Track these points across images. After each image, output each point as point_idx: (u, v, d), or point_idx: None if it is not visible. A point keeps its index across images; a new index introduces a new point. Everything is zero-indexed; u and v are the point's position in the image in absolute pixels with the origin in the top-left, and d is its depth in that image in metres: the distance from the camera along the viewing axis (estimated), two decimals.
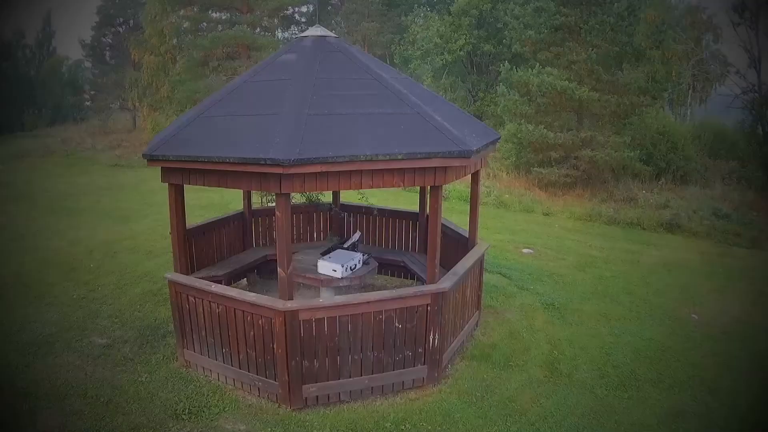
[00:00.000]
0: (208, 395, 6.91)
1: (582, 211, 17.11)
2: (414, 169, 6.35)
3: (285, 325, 6.35)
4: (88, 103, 43.94)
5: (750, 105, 21.64)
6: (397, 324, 6.70)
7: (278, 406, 6.73)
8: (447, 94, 26.39)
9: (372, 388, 6.88)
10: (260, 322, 6.57)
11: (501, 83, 20.13)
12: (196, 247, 9.21)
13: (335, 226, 10.86)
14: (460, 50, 26.37)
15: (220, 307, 6.87)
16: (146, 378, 7.24)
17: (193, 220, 9.05)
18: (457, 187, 18.57)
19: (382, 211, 10.63)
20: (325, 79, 7.03)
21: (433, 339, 6.89)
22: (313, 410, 6.72)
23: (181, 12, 30.64)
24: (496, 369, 7.75)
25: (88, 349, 7.96)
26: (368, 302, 6.55)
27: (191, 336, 7.34)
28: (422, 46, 27.55)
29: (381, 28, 33.88)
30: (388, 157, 6.09)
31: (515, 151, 20.10)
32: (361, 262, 8.22)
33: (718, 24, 31.76)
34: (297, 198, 11.61)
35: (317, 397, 6.73)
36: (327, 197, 11.42)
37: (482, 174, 8.48)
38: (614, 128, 19.10)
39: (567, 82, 17.52)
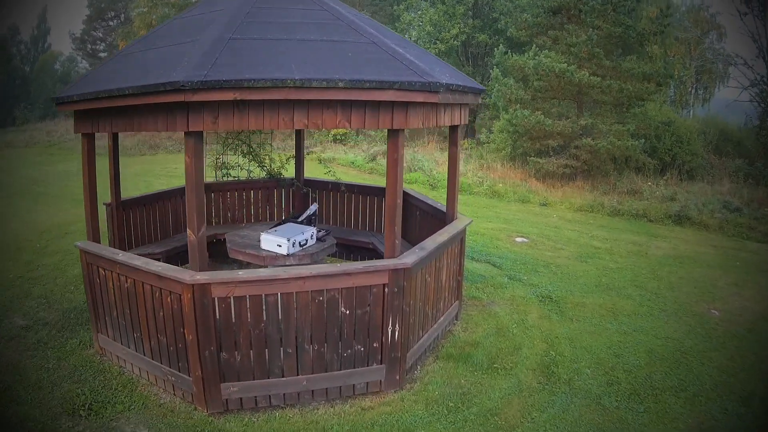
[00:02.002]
0: (116, 390, 5.58)
1: (582, 202, 15.52)
2: (363, 103, 4.76)
3: (194, 303, 4.74)
4: None
5: (759, 97, 20.08)
6: (343, 309, 5.03)
7: (194, 409, 5.18)
8: None
9: (312, 391, 5.21)
10: (168, 299, 4.99)
11: (495, 66, 18.43)
12: (135, 221, 8.00)
13: (298, 203, 9.24)
14: (454, 40, 24.63)
15: (129, 280, 5.35)
16: (54, 365, 6.07)
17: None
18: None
19: (351, 187, 9.03)
20: (264, 8, 5.66)
21: (393, 331, 5.21)
22: (236, 416, 5.09)
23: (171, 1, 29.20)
24: (477, 372, 6.10)
25: (5, 331, 6.90)
26: (302, 278, 4.88)
27: (104, 318, 5.91)
28: (414, 35, 25.86)
29: (372, 17, 32.25)
30: (325, 84, 4.48)
31: (510, 141, 18.43)
32: (314, 237, 6.53)
33: (721, 23, 30.46)
34: (257, 172, 9.93)
35: (241, 399, 5.08)
36: (290, 172, 9.77)
37: (460, 136, 6.76)
38: (616, 117, 17.44)
39: (566, 65, 15.85)
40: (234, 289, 4.76)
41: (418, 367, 6.04)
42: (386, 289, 5.08)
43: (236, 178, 9.68)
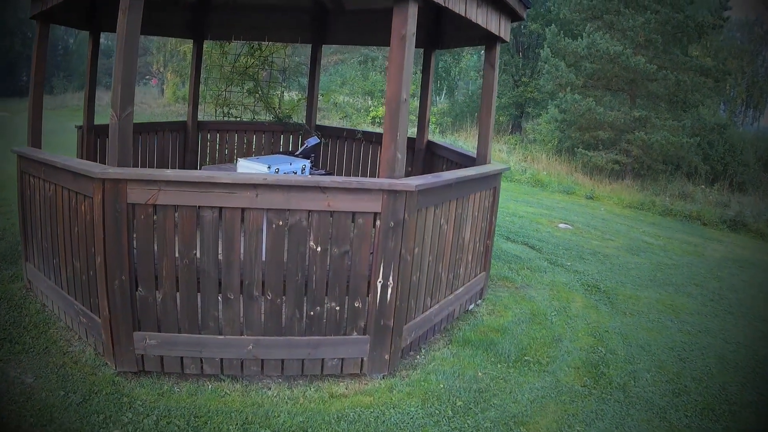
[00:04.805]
0: (24, 329, 4.15)
1: (631, 199, 13.63)
2: None
3: (103, 208, 3.16)
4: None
5: None
6: (312, 244, 3.31)
7: (104, 364, 3.60)
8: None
9: (262, 362, 3.51)
10: (83, 207, 3.44)
11: (546, 46, 16.41)
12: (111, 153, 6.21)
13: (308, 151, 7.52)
14: None
15: (51, 187, 3.87)
16: None
17: None
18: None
19: (369, 135, 7.27)
20: None
21: (384, 286, 3.45)
22: (152, 380, 3.50)
23: None
24: (501, 365, 4.35)
25: None
26: (255, 186, 3.16)
27: (32, 242, 4.46)
28: None
29: None
30: None
31: (557, 133, 16.48)
32: (306, 171, 4.83)
33: None
34: (262, 116, 8.26)
35: (162, 359, 3.46)
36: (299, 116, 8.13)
37: (497, 56, 4.95)
38: (671, 113, 15.36)
39: (621, 47, 13.86)
40: (157, 193, 3.10)
41: (422, 348, 4.32)
42: (378, 221, 3.35)
43: (238, 119, 8.05)
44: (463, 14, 3.77)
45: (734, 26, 27.62)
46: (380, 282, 3.43)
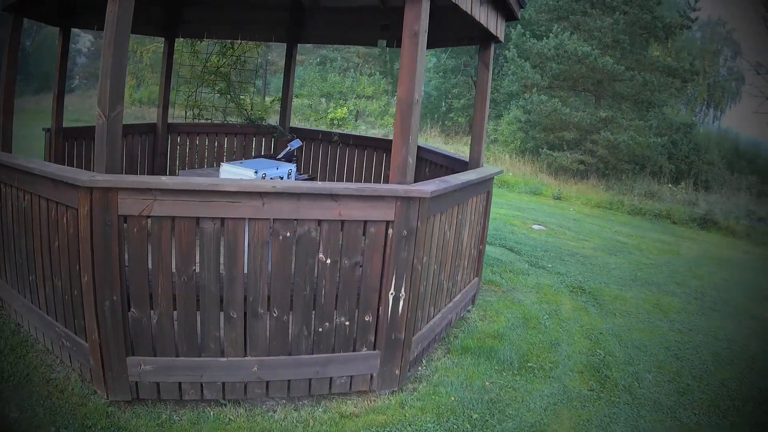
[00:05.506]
0: (2, 355, 3.70)
1: (599, 198, 13.90)
2: None
3: (91, 220, 2.89)
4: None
5: None
6: (322, 255, 3.12)
7: (93, 392, 3.28)
8: (449, 78, 22.90)
9: (267, 384, 3.30)
10: (65, 218, 3.13)
11: (512, 47, 16.50)
12: (79, 155, 6.33)
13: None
14: None
15: (26, 196, 3.50)
16: None
17: None
18: None
19: (345, 138, 7.12)
20: None
21: (396, 298, 3.30)
22: (149, 410, 3.22)
23: None
24: (506, 373, 4.26)
25: None
26: (261, 195, 2.97)
27: (4, 256, 4.03)
28: None
29: None
30: None
31: (521, 134, 16.59)
32: (292, 176, 4.64)
33: (738, 39, 28.99)
34: (234, 116, 8.00)
35: (158, 385, 3.20)
36: (273, 119, 7.92)
37: (492, 56, 4.89)
38: (637, 113, 15.64)
39: (589, 48, 14.04)
40: (153, 203, 2.87)
41: (423, 360, 4.17)
42: (390, 231, 3.20)
43: (209, 120, 7.77)
44: (469, 12, 3.65)
45: (695, 26, 28.49)
46: (392, 294, 3.28)
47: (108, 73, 2.87)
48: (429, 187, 3.29)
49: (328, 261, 3.14)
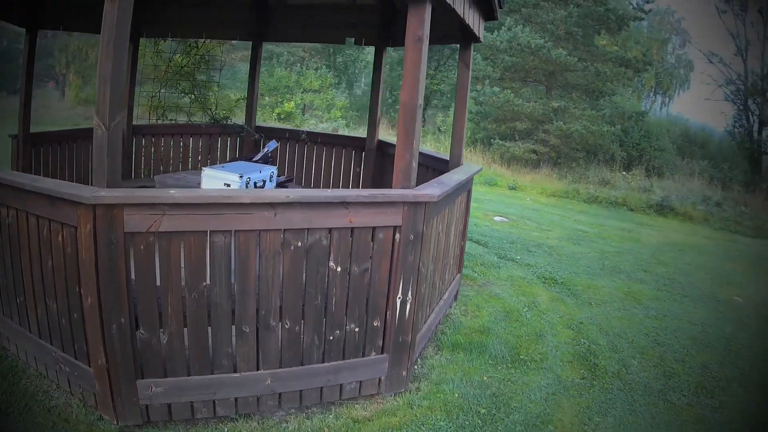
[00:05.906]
0: None
1: (554, 187, 14.23)
2: None
3: (95, 239, 2.78)
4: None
5: (734, 95, 19.42)
6: (332, 264, 3.13)
7: (98, 418, 3.15)
8: (395, 69, 22.94)
9: (279, 395, 3.29)
10: (60, 237, 2.98)
11: None
12: (46, 161, 6.17)
13: (247, 153, 7.23)
14: None
15: (11, 212, 3.27)
16: None
17: None
18: None
19: (313, 136, 7.10)
20: None
21: (403, 302, 3.35)
22: None
23: None
24: (500, 366, 4.38)
25: None
26: (273, 206, 2.94)
27: None
28: None
29: None
30: None
31: (471, 125, 16.81)
32: (273, 179, 4.60)
33: (686, 28, 30.11)
34: (199, 117, 7.86)
35: (169, 406, 3.12)
36: (239, 117, 7.81)
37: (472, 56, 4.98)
38: (588, 102, 16.08)
39: (542, 41, 14.34)
40: (161, 218, 2.81)
41: (420, 360, 4.23)
42: (397, 236, 3.23)
43: (173, 121, 7.60)
44: (461, 14, 3.71)
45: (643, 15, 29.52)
46: (399, 298, 3.33)
47: (107, 79, 2.74)
48: (435, 191, 3.35)
49: (339, 269, 3.16)
